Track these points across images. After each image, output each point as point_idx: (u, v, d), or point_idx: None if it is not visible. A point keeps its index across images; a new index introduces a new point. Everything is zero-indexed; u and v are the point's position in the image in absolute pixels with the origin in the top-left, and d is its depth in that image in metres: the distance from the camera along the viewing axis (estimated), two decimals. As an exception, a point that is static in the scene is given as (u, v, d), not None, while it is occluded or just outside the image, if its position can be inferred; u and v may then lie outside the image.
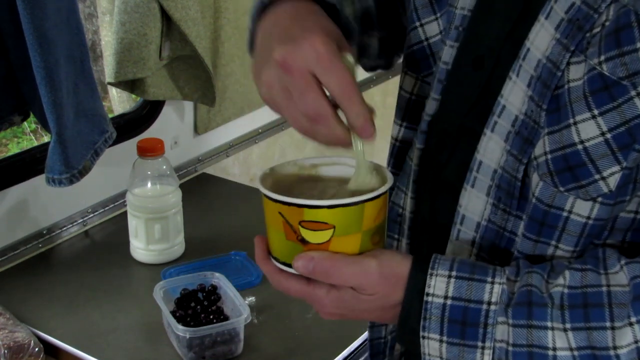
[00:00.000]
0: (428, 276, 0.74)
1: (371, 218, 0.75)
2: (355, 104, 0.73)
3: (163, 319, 1.33)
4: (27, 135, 3.76)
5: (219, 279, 1.38)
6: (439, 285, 0.73)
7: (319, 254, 0.73)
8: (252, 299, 1.44)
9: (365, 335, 1.33)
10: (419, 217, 0.92)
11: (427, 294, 0.73)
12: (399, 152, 0.95)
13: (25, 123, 1.92)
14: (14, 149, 3.72)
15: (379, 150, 1.10)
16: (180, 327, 1.25)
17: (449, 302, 0.73)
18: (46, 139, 2.63)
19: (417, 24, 0.91)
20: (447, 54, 0.85)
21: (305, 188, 0.80)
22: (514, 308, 0.71)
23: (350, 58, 0.75)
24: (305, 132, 0.76)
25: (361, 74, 0.88)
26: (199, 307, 1.34)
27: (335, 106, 0.74)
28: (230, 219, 1.76)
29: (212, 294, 1.37)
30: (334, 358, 1.32)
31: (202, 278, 1.39)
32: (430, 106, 0.87)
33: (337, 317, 0.79)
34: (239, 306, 1.30)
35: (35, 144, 3.50)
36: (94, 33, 3.36)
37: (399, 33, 0.99)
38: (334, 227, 0.73)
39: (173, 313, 1.31)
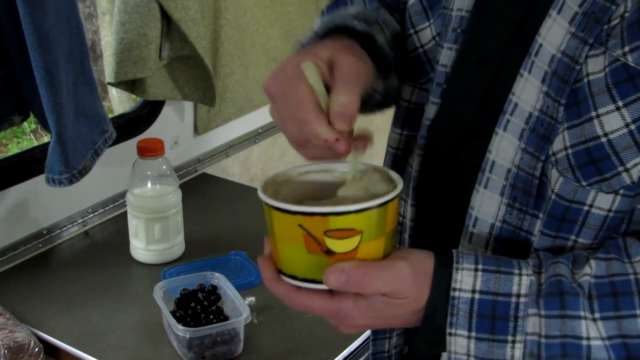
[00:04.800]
0: (454, 270, 0.71)
1: (392, 219, 0.72)
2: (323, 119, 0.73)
3: (163, 319, 1.33)
4: (27, 135, 3.76)
5: (219, 279, 1.38)
6: (466, 280, 0.71)
7: (349, 264, 0.69)
8: (252, 299, 1.43)
9: (365, 335, 1.33)
10: (420, 224, 0.90)
11: (454, 289, 0.71)
12: (400, 161, 0.93)
13: (25, 123, 1.91)
14: (14, 149, 3.72)
15: (378, 150, 1.10)
16: (180, 327, 1.25)
17: (477, 296, 0.70)
18: (46, 139, 2.63)
19: (412, 31, 0.90)
20: (446, 56, 0.84)
21: (309, 198, 0.76)
22: (546, 299, 0.70)
23: (310, 67, 0.74)
24: (297, 142, 0.76)
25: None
26: (199, 307, 1.33)
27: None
28: (230, 219, 1.76)
29: (212, 294, 1.37)
30: (334, 358, 1.32)
31: (202, 278, 1.39)
32: (430, 110, 0.86)
33: (362, 329, 0.74)
34: (239, 306, 1.30)
35: (35, 144, 3.49)
36: (94, 33, 3.36)
37: None
38: (362, 232, 0.69)
39: (173, 313, 1.31)
